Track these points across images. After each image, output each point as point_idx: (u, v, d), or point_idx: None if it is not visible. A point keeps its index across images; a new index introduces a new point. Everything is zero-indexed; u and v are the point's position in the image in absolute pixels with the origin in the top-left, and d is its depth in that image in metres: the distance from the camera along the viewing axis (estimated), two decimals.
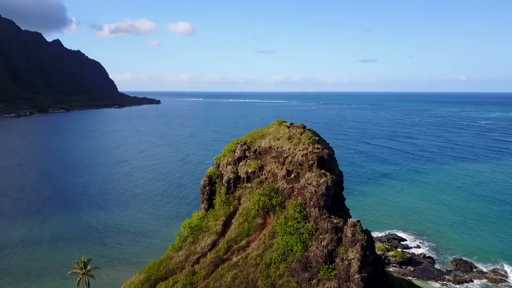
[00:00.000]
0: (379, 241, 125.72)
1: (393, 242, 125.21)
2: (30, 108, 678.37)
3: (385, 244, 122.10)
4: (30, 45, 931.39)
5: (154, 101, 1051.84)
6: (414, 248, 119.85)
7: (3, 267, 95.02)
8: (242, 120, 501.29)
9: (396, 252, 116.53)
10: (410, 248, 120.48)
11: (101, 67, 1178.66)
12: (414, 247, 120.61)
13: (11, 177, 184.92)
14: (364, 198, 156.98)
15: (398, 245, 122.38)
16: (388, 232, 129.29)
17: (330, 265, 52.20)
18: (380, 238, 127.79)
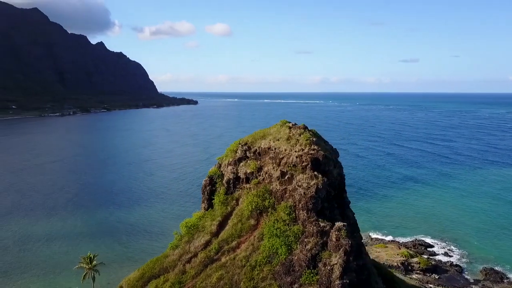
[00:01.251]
0: (405, 246, 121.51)
1: (419, 248, 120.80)
2: (74, 108, 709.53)
3: (409, 250, 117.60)
4: (76, 47, 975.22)
5: (191, 101, 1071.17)
6: (441, 256, 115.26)
7: (24, 261, 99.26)
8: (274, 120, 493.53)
9: (420, 258, 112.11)
10: (437, 255, 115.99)
11: (141, 68, 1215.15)
12: (442, 254, 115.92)
13: (42, 174, 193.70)
14: (390, 202, 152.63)
15: (424, 252, 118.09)
16: (414, 237, 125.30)
17: (313, 269, 50.53)
18: (405, 244, 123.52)
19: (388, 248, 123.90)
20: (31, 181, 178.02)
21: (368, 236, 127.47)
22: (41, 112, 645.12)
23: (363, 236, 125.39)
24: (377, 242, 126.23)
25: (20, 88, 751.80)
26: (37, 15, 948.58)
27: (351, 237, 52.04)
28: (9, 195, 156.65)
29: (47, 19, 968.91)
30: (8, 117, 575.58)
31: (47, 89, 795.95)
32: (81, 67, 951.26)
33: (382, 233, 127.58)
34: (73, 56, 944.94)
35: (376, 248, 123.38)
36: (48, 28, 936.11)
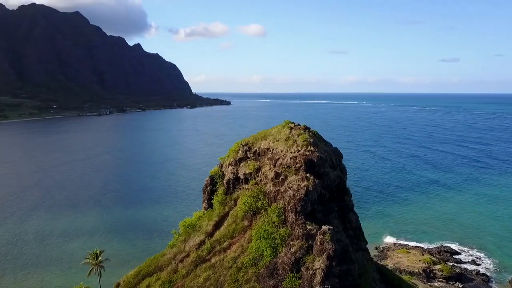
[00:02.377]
0: (429, 253, 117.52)
1: (444, 255, 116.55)
2: (110, 108, 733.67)
3: (433, 257, 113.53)
4: (114, 49, 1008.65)
5: (224, 102, 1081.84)
6: (468, 264, 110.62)
7: (40, 255, 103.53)
8: (303, 121, 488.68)
9: (444, 266, 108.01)
10: (463, 263, 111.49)
11: (176, 69, 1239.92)
12: (468, 262, 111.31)
13: (70, 172, 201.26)
14: (416, 207, 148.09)
15: (449, 259, 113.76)
16: (440, 244, 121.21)
17: (297, 273, 49.56)
18: (430, 250, 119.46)
19: (411, 254, 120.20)
20: (58, 178, 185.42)
21: (391, 241, 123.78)
22: (80, 111, 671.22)
23: (385, 240, 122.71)
24: (400, 248, 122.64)
25: (62, 89, 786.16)
26: (78, 18, 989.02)
27: (338, 241, 50.66)
28: (36, 191, 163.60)
29: (87, 22, 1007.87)
30: (49, 116, 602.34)
31: (86, 90, 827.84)
32: (118, 68, 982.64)
33: (405, 238, 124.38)
34: (111, 57, 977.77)
35: (397, 253, 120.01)
36: (88, 31, 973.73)
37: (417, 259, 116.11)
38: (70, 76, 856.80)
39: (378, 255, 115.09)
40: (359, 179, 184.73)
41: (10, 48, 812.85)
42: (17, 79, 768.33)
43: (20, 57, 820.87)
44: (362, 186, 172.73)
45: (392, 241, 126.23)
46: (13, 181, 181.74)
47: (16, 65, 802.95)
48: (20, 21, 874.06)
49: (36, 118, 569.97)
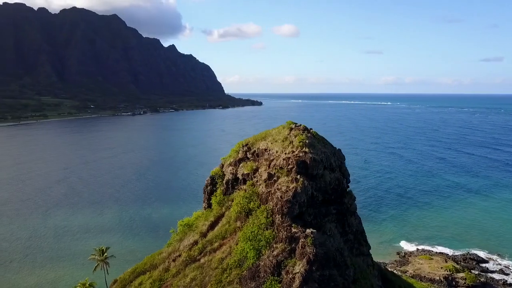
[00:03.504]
0: (453, 260, 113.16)
1: (470, 263, 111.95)
2: (144, 108, 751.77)
3: (457, 264, 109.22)
4: (149, 50, 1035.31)
5: (256, 102, 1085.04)
6: (495, 273, 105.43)
7: (55, 250, 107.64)
8: (332, 122, 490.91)
9: (467, 274, 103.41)
10: (490, 271, 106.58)
11: (210, 70, 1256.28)
12: (496, 272, 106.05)
13: (94, 169, 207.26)
14: (441, 212, 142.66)
15: (475, 267, 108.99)
16: (467, 251, 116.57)
17: (277, 277, 48.98)
18: (454, 257, 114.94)
19: (433, 260, 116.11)
20: (84, 176, 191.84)
21: (413, 246, 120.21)
22: (115, 111, 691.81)
23: (407, 245, 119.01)
24: (423, 253, 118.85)
25: (99, 89, 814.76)
26: (116, 21, 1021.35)
27: (321, 245, 49.67)
28: (61, 188, 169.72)
29: (124, 24, 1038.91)
30: (86, 115, 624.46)
31: (122, 90, 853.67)
32: (153, 69, 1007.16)
33: (429, 244, 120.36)
34: (146, 58, 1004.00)
35: (419, 259, 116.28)
36: (125, 33, 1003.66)
37: (439, 266, 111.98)
38: (108, 77, 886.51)
39: (399, 261, 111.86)
40: (381, 181, 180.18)
41: (52, 51, 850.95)
42: (58, 80, 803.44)
43: (61, 59, 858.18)
44: (384, 189, 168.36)
45: (414, 246, 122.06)
46: (42, 177, 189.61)
47: (58, 67, 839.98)
48: (62, 25, 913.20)
49: (74, 117, 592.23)
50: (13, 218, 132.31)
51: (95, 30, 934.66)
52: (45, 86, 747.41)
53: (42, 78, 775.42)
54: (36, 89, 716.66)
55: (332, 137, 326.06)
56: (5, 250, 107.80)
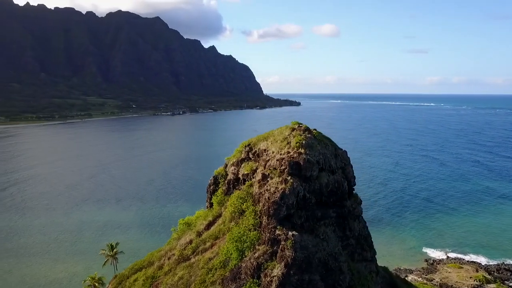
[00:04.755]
0: (485, 269, 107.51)
1: (504, 273, 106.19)
2: (184, 108, 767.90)
3: (488, 275, 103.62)
4: (190, 52, 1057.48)
5: (294, 103, 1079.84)
6: None
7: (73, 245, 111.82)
8: (369, 123, 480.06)
9: (499, 285, 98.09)
10: None
11: (249, 71, 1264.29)
12: None
13: (125, 167, 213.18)
14: (475, 218, 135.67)
15: (509, 278, 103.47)
16: (502, 261, 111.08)
17: (258, 279, 48.28)
18: (487, 267, 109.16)
19: (463, 269, 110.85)
20: (113, 173, 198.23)
21: (443, 254, 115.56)
22: (155, 111, 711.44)
23: (437, 253, 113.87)
24: (453, 262, 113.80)
25: (142, 89, 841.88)
26: (158, 23, 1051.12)
27: (302, 248, 48.45)
28: (90, 185, 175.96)
29: (166, 26, 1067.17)
30: (128, 115, 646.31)
31: (164, 90, 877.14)
32: (194, 70, 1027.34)
33: (460, 252, 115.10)
34: (187, 60, 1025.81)
35: (448, 268, 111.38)
36: (167, 34, 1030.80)
37: (468, 276, 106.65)
38: (150, 78, 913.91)
39: (426, 268, 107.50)
40: (411, 184, 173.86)
41: (98, 53, 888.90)
42: (103, 80, 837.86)
43: (106, 61, 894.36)
44: (413, 193, 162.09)
45: (444, 254, 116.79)
46: (75, 174, 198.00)
47: (103, 68, 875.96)
48: (107, 27, 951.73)
49: (116, 116, 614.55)
50: (42, 212, 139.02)
51: (138, 32, 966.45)
52: (91, 86, 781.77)
53: (88, 79, 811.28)
54: (82, 89, 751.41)
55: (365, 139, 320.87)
56: (31, 242, 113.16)
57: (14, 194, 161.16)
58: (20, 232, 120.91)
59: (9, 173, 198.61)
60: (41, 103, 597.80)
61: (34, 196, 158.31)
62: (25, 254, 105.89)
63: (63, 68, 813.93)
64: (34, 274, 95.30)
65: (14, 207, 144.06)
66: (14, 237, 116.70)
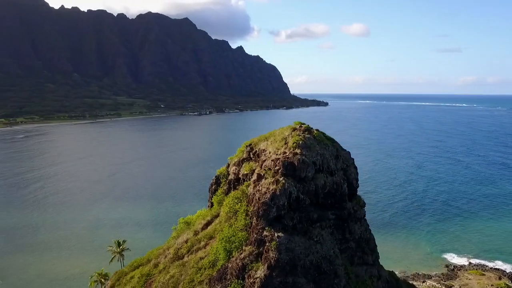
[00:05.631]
0: (509, 277, 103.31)
1: None
2: (211, 108, 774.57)
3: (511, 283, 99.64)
4: (218, 52, 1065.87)
5: (322, 103, 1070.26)
6: None
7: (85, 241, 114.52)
8: (394, 123, 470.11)
9: None
10: None
11: (276, 71, 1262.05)
12: None
13: (144, 166, 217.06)
14: (501, 224, 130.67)
15: None
16: None
17: (242, 281, 47.87)
18: None
19: (485, 276, 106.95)
20: (134, 171, 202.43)
21: (465, 260, 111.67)
22: (183, 111, 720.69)
23: (459, 259, 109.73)
24: (475, 268, 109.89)
25: (170, 90, 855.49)
26: (187, 24, 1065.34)
27: (287, 250, 47.63)
28: (108, 182, 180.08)
29: (195, 27, 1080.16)
30: (156, 114, 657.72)
31: (191, 90, 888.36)
32: (221, 70, 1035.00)
33: (483, 258, 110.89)
34: (215, 60, 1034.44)
35: (469, 274, 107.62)
36: (195, 35, 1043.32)
37: (489, 283, 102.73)
38: (178, 78, 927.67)
39: (446, 274, 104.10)
40: (431, 187, 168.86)
41: (128, 54, 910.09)
42: (133, 81, 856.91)
43: (136, 61, 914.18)
44: (432, 196, 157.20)
45: (466, 260, 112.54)
46: (97, 171, 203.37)
47: (133, 68, 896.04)
48: (138, 29, 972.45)
49: (145, 116, 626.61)
50: (63, 209, 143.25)
51: (167, 33, 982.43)
52: (121, 86, 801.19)
53: (118, 79, 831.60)
54: (113, 89, 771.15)
55: (389, 140, 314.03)
56: (51, 238, 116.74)
57: (37, 190, 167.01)
58: (41, 227, 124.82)
59: (35, 170, 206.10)
60: (74, 103, 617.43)
61: (56, 192, 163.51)
62: (45, 249, 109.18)
63: (94, 69, 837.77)
64: (52, 269, 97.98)
65: (36, 203, 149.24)
66: (36, 233, 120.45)
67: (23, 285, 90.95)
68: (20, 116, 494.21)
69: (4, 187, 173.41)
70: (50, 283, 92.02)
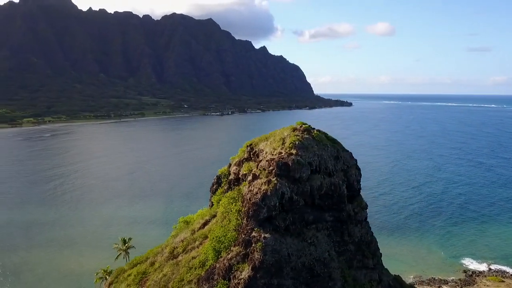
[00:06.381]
0: None
1: None
2: (233, 108, 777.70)
3: None
4: (241, 52, 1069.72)
5: (345, 103, 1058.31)
6: None
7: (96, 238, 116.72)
8: (417, 124, 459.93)
9: None
10: None
11: (299, 71, 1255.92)
12: None
13: (161, 164, 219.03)
14: None
15: None
16: None
17: (228, 281, 47.71)
18: None
19: (504, 283, 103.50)
20: (150, 170, 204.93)
21: (485, 266, 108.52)
22: (205, 111, 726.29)
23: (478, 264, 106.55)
24: (494, 274, 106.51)
25: (193, 90, 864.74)
26: (210, 25, 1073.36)
27: (273, 252, 47.13)
28: (125, 181, 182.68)
29: (218, 27, 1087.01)
30: (179, 114, 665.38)
31: (214, 91, 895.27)
32: (244, 70, 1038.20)
33: (504, 264, 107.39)
34: (238, 60, 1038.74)
35: (487, 281, 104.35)
36: (219, 35, 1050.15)
37: None
38: (201, 78, 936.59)
39: (464, 280, 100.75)
40: (449, 190, 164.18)
41: (153, 54, 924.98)
42: (157, 81, 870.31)
43: (161, 62, 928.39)
44: (451, 199, 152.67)
45: (486, 265, 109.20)
46: (116, 169, 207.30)
47: (157, 69, 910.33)
48: (162, 30, 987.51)
49: (168, 116, 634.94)
50: (79, 206, 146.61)
51: (191, 34, 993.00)
52: (146, 87, 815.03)
53: (143, 79, 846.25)
54: (138, 89, 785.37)
55: (410, 141, 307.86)
56: (69, 234, 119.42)
57: (56, 187, 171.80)
58: (57, 224, 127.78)
59: (56, 167, 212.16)
60: (99, 103, 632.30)
61: (74, 189, 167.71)
62: (61, 245, 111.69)
63: (120, 69, 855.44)
64: (66, 265, 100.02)
65: (54, 200, 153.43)
66: (52, 229, 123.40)
67: (36, 280, 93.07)
68: (48, 116, 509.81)
69: (26, 183, 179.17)
70: (64, 278, 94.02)
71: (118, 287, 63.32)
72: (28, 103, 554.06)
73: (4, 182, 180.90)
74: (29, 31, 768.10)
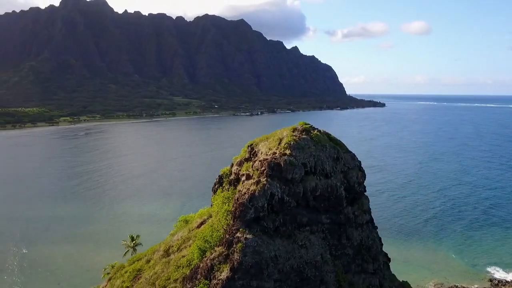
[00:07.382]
0: None
1: None
2: (263, 108, 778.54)
3: None
4: (272, 53, 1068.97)
5: (378, 104, 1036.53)
6: None
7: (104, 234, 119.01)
8: (450, 126, 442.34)
9: None
10: None
11: (331, 71, 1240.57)
12: None
13: (180, 164, 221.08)
14: None
15: None
16: None
17: (210, 282, 47.56)
18: None
19: None
20: (170, 169, 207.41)
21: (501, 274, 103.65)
22: (235, 111, 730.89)
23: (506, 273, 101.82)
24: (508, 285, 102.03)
25: (225, 90, 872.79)
26: (242, 25, 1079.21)
27: (254, 253, 46.55)
28: (142, 180, 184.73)
29: (250, 28, 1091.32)
30: (209, 115, 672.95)
31: (245, 91, 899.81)
32: (275, 71, 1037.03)
33: None
34: (269, 61, 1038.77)
35: None
36: (250, 36, 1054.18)
37: None
38: (233, 79, 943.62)
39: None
40: (476, 195, 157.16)
41: (185, 55, 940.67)
42: (189, 81, 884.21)
43: (193, 63, 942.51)
44: (478, 204, 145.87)
45: (503, 274, 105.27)
46: (137, 168, 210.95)
47: (189, 70, 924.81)
48: (195, 31, 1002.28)
49: (198, 116, 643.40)
50: (100, 202, 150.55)
51: (223, 35, 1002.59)
52: (178, 87, 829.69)
53: (176, 80, 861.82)
54: (170, 90, 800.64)
55: (440, 143, 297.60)
56: (85, 230, 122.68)
57: (81, 183, 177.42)
58: (78, 219, 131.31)
59: (85, 164, 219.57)
60: (133, 103, 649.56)
61: (97, 186, 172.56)
62: (81, 240, 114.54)
63: (154, 70, 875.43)
64: (83, 260, 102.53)
65: (77, 196, 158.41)
66: (75, 224, 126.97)
67: (50, 275, 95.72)
68: (83, 115, 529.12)
69: (54, 180, 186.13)
70: (77, 273, 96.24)
71: (114, 282, 64.63)
72: (66, 103, 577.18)
73: (33, 179, 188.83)
74: (68, 34, 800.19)
